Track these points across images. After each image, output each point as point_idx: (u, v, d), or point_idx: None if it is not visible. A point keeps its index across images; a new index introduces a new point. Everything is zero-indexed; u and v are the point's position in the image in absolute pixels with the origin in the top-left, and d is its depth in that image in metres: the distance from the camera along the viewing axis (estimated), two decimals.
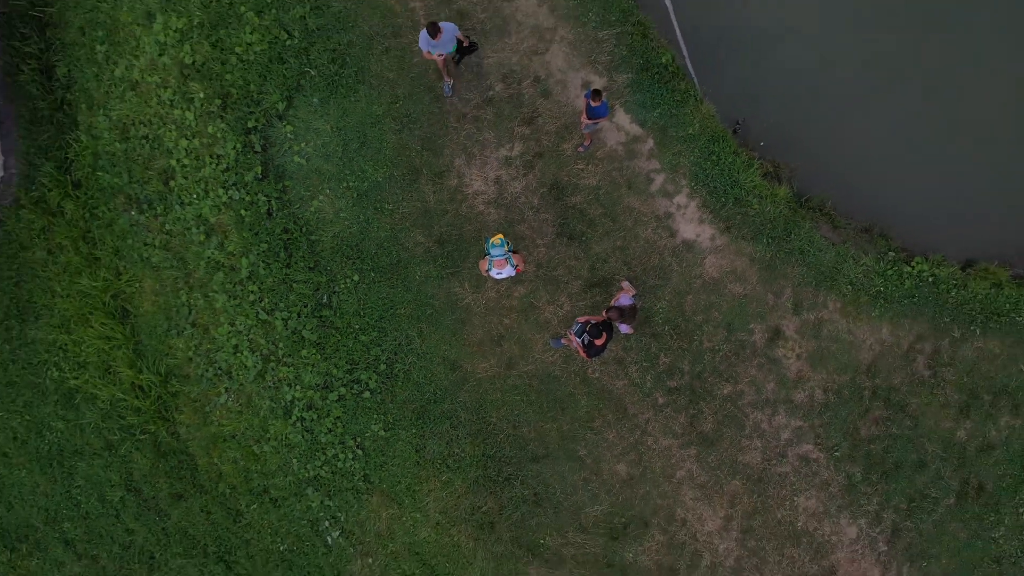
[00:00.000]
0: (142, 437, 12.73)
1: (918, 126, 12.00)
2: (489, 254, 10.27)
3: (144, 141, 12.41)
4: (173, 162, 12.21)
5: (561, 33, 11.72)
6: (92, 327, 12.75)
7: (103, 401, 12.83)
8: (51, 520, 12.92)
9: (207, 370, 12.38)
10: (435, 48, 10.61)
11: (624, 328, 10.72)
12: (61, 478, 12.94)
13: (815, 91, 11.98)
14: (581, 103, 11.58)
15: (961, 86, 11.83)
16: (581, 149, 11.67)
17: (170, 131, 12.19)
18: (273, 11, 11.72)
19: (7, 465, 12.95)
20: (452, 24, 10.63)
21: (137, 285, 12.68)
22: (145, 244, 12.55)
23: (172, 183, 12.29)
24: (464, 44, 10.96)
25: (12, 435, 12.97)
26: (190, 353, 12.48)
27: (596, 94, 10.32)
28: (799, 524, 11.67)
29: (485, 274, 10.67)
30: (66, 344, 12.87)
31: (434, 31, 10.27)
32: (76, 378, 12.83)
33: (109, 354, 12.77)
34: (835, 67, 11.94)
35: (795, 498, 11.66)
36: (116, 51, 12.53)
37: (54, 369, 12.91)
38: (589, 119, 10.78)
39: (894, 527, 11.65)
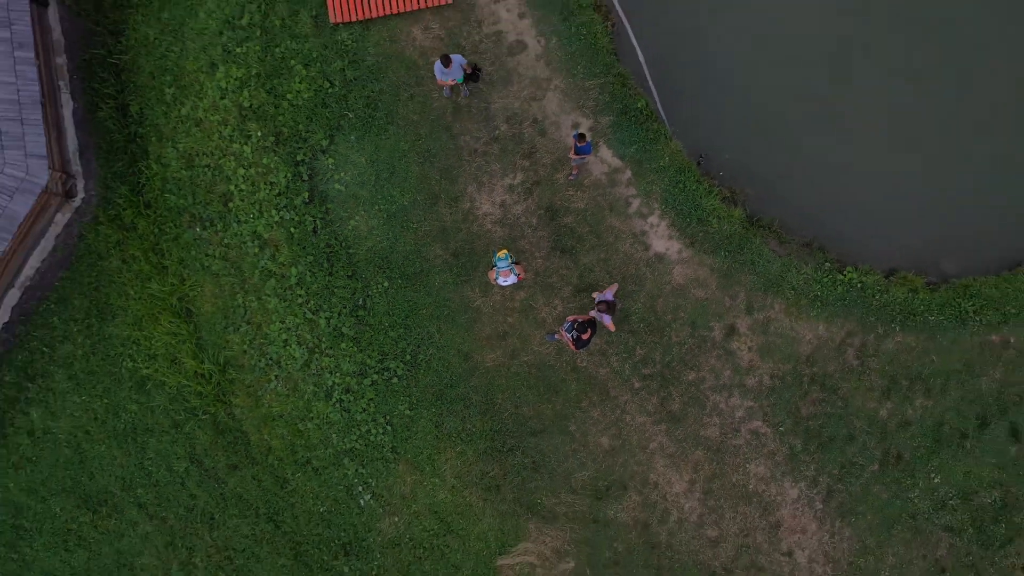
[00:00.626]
0: (203, 417, 15.19)
1: (849, 159, 14.53)
2: (496, 265, 12.78)
3: (206, 169, 14.89)
4: (232, 187, 14.69)
5: (555, 83, 14.22)
6: (161, 325, 15.20)
7: (170, 387, 15.28)
8: (126, 487, 15.36)
9: (259, 360, 14.86)
10: (447, 76, 13.13)
11: (607, 320, 13.21)
12: (135, 452, 15.37)
13: (765, 131, 14.48)
14: (571, 141, 14.08)
15: (884, 131, 14.38)
16: (571, 178, 14.16)
17: (229, 161, 14.66)
18: (318, 64, 14.20)
19: (89, 441, 15.39)
20: (460, 56, 13.16)
21: (199, 289, 15.15)
22: (206, 255, 15.02)
23: (231, 204, 14.76)
24: (468, 72, 13.45)
25: (93, 416, 15.40)
26: (244, 346, 14.95)
27: (581, 136, 12.84)
28: (750, 486, 14.19)
29: (493, 282, 13.17)
30: (138, 339, 15.31)
31: (446, 62, 12.83)
32: (147, 368, 15.27)
33: (175, 347, 15.23)
34: (781, 113, 14.46)
35: (747, 465, 14.18)
36: (182, 93, 15.00)
37: (128, 360, 15.35)
38: (576, 155, 13.29)
39: (828, 489, 14.18)
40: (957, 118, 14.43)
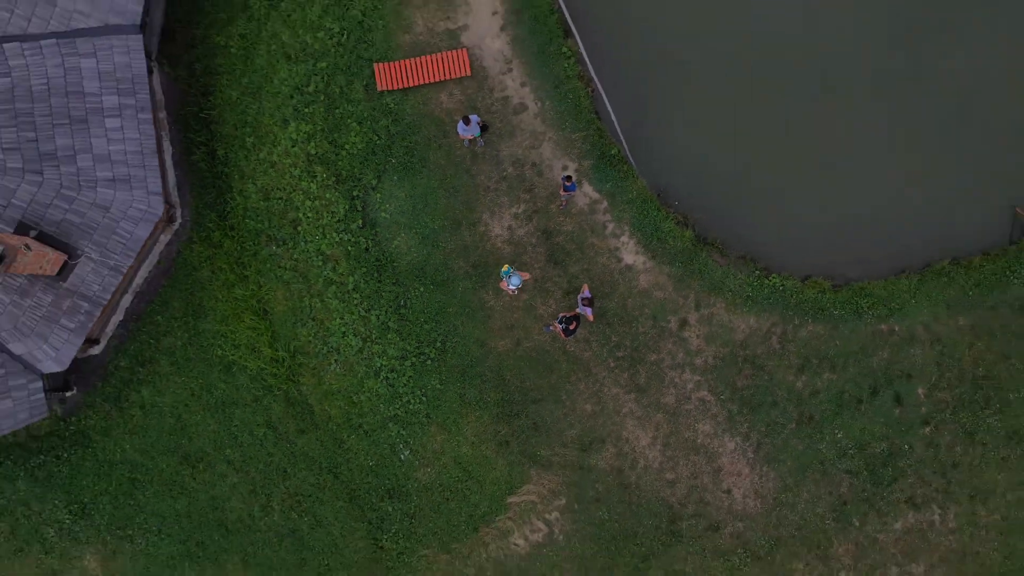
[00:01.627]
0: (277, 393, 19.59)
1: (776, 191, 19.01)
2: (504, 276, 17.25)
3: (279, 201, 19.28)
4: (300, 215, 19.10)
5: (549, 135, 18.69)
6: (243, 321, 19.60)
7: (251, 370, 19.68)
8: (217, 448, 19.77)
9: (322, 348, 19.28)
10: (467, 132, 17.59)
11: (588, 312, 17.62)
12: (223, 420, 19.78)
13: (710, 170, 18.94)
14: (561, 181, 18.53)
15: (801, 171, 18.89)
16: (561, 207, 18.62)
17: (298, 195, 19.06)
18: (368, 122, 18.61)
19: (188, 412, 19.77)
20: (476, 115, 17.64)
21: (273, 294, 19.55)
22: (279, 267, 19.41)
23: (299, 228, 19.17)
24: (482, 124, 17.90)
25: (191, 392, 19.77)
26: (310, 338, 19.37)
27: (568, 179, 17.32)
28: (699, 441, 18.71)
29: (504, 288, 17.63)
30: (225, 333, 19.70)
31: (467, 121, 17.31)
32: (232, 355, 19.66)
33: (255, 339, 19.64)
34: (723, 158, 18.94)
35: (696, 425, 18.70)
36: (260, 141, 19.39)
37: (218, 349, 19.74)
38: (565, 192, 17.77)
39: (757, 442, 18.72)
40: (855, 162, 18.95)
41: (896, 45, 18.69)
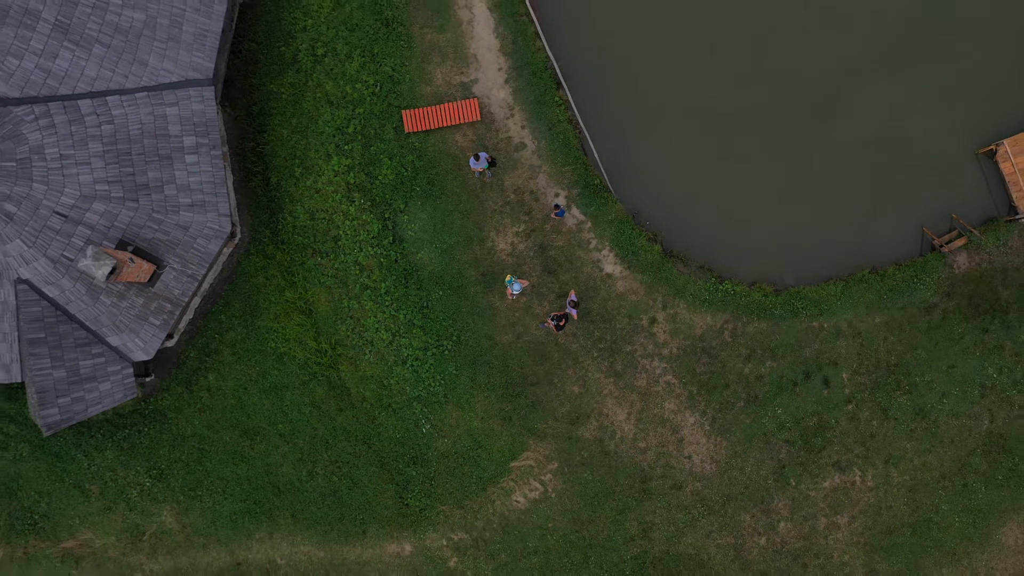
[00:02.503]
0: (320, 378, 23.88)
1: (729, 212, 23.40)
2: (507, 283, 21.62)
3: (323, 220, 23.58)
4: (340, 232, 23.41)
5: (544, 168, 23.07)
6: (292, 319, 23.90)
7: (299, 359, 23.97)
8: (271, 423, 24.07)
9: (358, 341, 23.59)
10: (477, 165, 21.95)
11: (574, 313, 22.01)
12: (276, 401, 24.07)
13: (676, 196, 23.33)
14: (552, 208, 22.89)
15: (751, 195, 23.27)
16: (555, 215, 22.98)
17: (339, 216, 23.38)
18: (397, 157, 22.95)
19: (246, 394, 24.05)
20: (485, 153, 22.02)
21: (317, 297, 23.85)
22: (322, 275, 23.72)
23: (339, 243, 23.48)
24: (490, 161, 22.30)
25: (249, 378, 24.05)
26: (348, 332, 23.68)
27: (556, 207, 21.70)
28: (665, 415, 23.09)
29: (507, 293, 21.99)
30: (277, 328, 23.98)
31: (477, 157, 21.68)
32: (283, 347, 23.94)
33: (302, 334, 23.93)
34: (686, 184, 23.33)
35: (663, 403, 23.08)
36: (307, 171, 23.70)
37: (271, 342, 24.02)
38: (555, 216, 22.16)
39: (713, 417, 23.11)
40: (794, 189, 23.34)
41: (826, 98, 23.09)
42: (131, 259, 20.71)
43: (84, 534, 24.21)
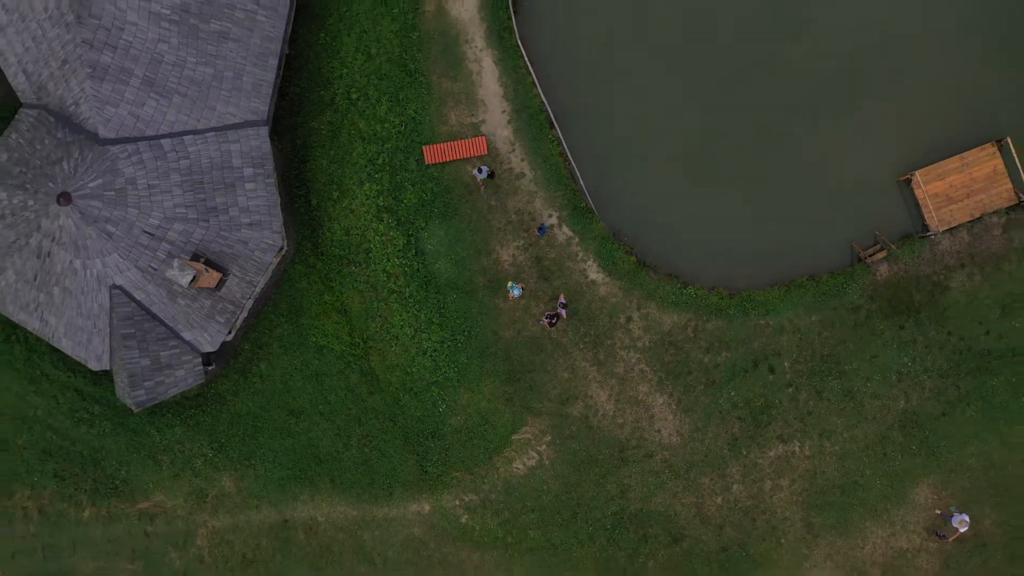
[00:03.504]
0: (354, 367, 28.79)
1: (693, 228, 28.39)
2: (509, 288, 26.64)
3: (357, 236, 28.49)
4: (371, 246, 28.32)
5: (539, 193, 28.00)
6: (330, 318, 28.82)
7: (335, 351, 28.89)
8: (313, 404, 28.97)
9: (385, 336, 28.50)
10: (480, 175, 26.99)
11: (564, 312, 27.04)
12: (317, 385, 28.96)
13: (649, 217, 28.31)
14: (536, 226, 27.89)
15: (709, 213, 28.26)
16: (538, 233, 27.97)
17: (370, 232, 28.29)
18: (419, 184, 27.85)
19: (292, 380, 28.93)
20: (487, 167, 27.03)
21: (351, 299, 28.77)
22: (356, 280, 28.62)
23: (370, 255, 28.39)
24: (490, 172, 27.29)
25: (294, 367, 28.92)
26: (377, 329, 28.59)
27: (541, 228, 26.72)
28: (639, 397, 28.09)
29: (510, 299, 27.01)
30: (317, 325, 28.89)
31: (480, 169, 26.70)
32: (323, 341, 28.84)
33: (338, 330, 28.84)
34: (657, 206, 28.34)
35: (637, 387, 28.07)
36: (343, 195, 28.60)
37: (312, 336, 28.89)
38: (538, 233, 27.19)
39: (679, 399, 28.11)
40: (747, 211, 28.30)
41: (774, 134, 28.09)
42: (205, 269, 25.64)
43: (157, 496, 29.16)
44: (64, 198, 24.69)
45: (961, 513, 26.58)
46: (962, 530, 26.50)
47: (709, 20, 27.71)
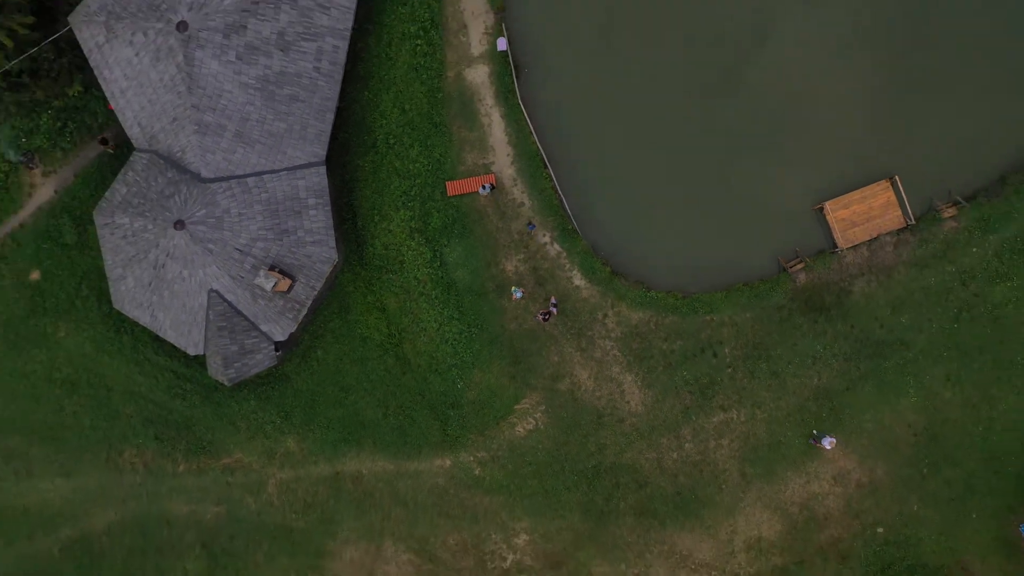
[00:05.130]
0: (390, 353, 36.56)
1: (657, 245, 36.45)
2: (512, 291, 34.71)
3: (394, 250, 36.36)
4: (405, 259, 36.19)
5: (536, 219, 36.05)
6: (371, 315, 36.66)
7: (376, 340, 36.78)
8: (359, 382, 36.78)
9: (416, 329, 36.35)
10: (484, 191, 35.01)
11: (555, 311, 35.12)
12: (361, 367, 36.78)
13: (621, 236, 36.33)
14: (533, 224, 35.91)
15: (671, 228, 36.34)
16: (528, 229, 36.00)
17: (404, 248, 36.18)
18: (443, 211, 35.59)
19: (342, 363, 36.73)
20: (490, 184, 35.04)
21: (388, 300, 36.68)
22: (392, 286, 36.50)
23: (404, 265, 36.30)
24: (493, 184, 35.31)
25: (343, 353, 36.72)
26: (409, 323, 36.46)
27: (529, 225, 34.78)
28: (613, 375, 36.01)
29: (512, 297, 35.07)
30: (361, 320, 36.65)
31: (483, 187, 34.76)
32: (366, 332, 36.71)
33: (378, 324, 36.73)
34: (625, 230, 36.40)
35: (611, 368, 36.03)
36: (383, 219, 36.47)
37: (358, 329, 36.77)
38: (528, 229, 35.25)
39: (643, 377, 36.10)
40: (698, 233, 36.33)
41: (719, 171, 36.12)
42: (282, 277, 33.62)
43: (236, 454, 37.09)
44: (179, 224, 32.58)
45: (829, 436, 34.59)
46: (829, 447, 34.52)
47: (666, 87, 35.75)
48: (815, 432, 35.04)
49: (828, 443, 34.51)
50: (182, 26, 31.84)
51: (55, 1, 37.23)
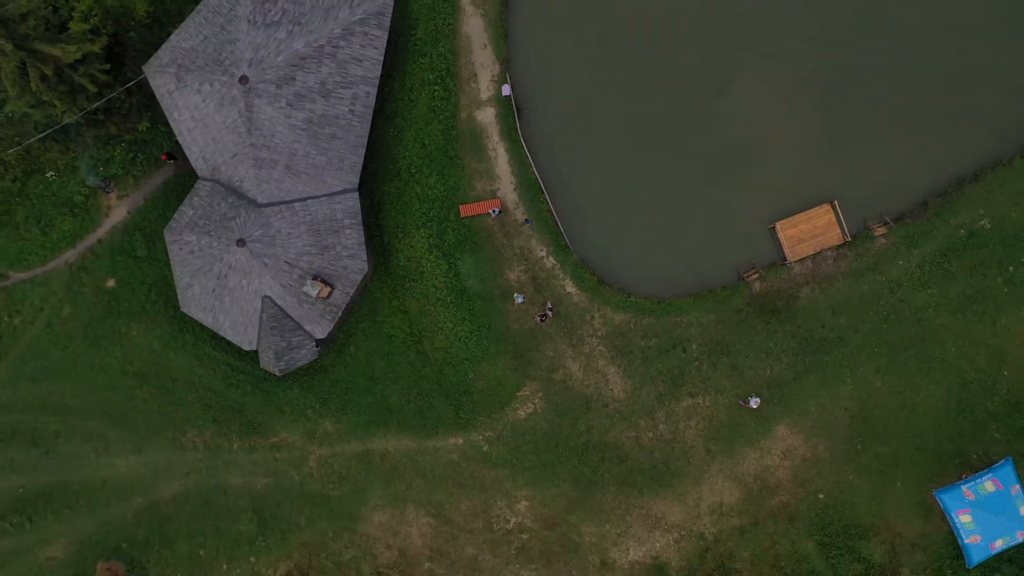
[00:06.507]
0: (412, 349, 42.74)
1: (631, 262, 43.16)
2: (515, 297, 41.41)
3: (415, 262, 42.65)
4: (424, 269, 42.42)
5: (534, 236, 42.35)
6: (396, 316, 42.99)
7: (400, 338, 43.10)
8: (384, 373, 42.89)
9: (433, 328, 42.66)
10: (492, 215, 41.75)
11: (550, 314, 41.83)
12: (388, 361, 42.87)
13: (606, 252, 43.02)
14: (526, 227, 42.60)
15: (648, 251, 43.07)
16: (525, 223, 42.73)
17: (424, 260, 42.47)
18: (457, 230, 42.32)
19: (371, 358, 43.04)
20: (497, 208, 41.74)
21: (411, 303, 43.05)
22: (414, 292, 42.79)
23: (424, 274, 42.56)
24: (499, 209, 41.99)
25: (372, 349, 42.85)
26: (428, 323, 42.74)
27: (527, 220, 41.53)
28: (599, 367, 42.47)
29: (514, 302, 41.77)
30: (388, 321, 43.21)
31: (492, 212, 41.48)
32: (391, 331, 43.24)
33: (401, 324, 43.23)
34: (610, 248, 43.12)
35: (598, 361, 42.56)
36: (405, 235, 43.03)
37: (385, 328, 43.27)
38: (526, 224, 41.99)
39: (624, 369, 42.69)
40: (673, 251, 43.05)
41: (687, 198, 42.83)
42: (324, 285, 40.26)
43: (281, 434, 43.68)
44: (241, 242, 39.17)
45: (754, 397, 40.86)
46: (754, 406, 40.74)
47: (644, 127, 42.42)
48: (745, 396, 41.57)
49: (754, 403, 41.14)
50: (243, 79, 38.35)
51: (123, 48, 43.74)
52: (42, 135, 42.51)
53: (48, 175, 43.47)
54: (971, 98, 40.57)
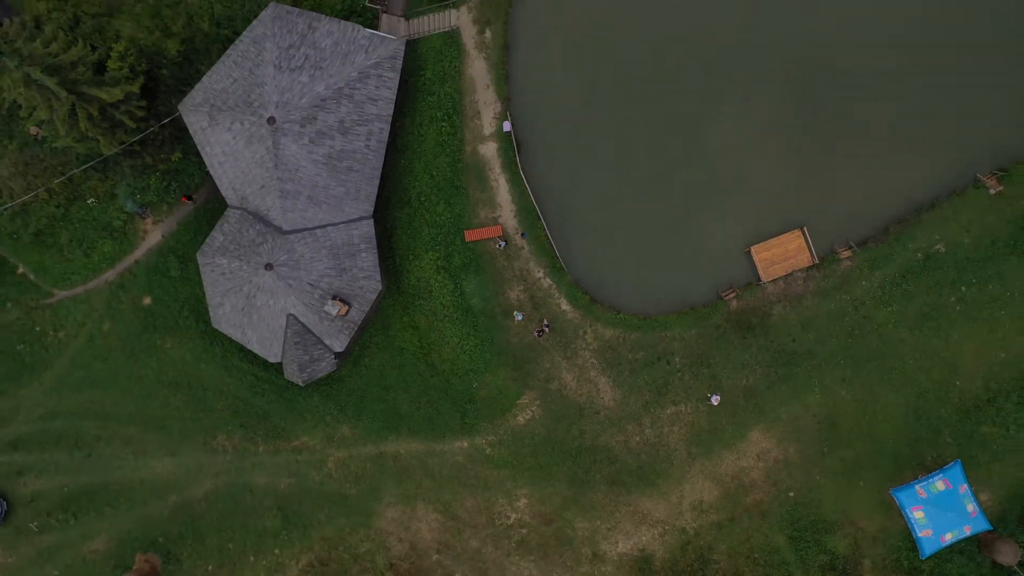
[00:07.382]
0: (421, 361, 46.44)
1: (621, 283, 47.32)
2: (515, 314, 45.57)
3: (424, 281, 46.70)
4: (433, 288, 46.61)
5: (532, 259, 46.43)
6: (407, 331, 46.87)
7: (410, 351, 47.00)
8: (397, 380, 46.76)
9: (441, 342, 46.90)
10: (500, 247, 45.95)
11: (547, 329, 46.05)
12: (399, 372, 46.83)
13: (597, 273, 47.13)
14: (525, 233, 46.77)
15: (636, 273, 47.26)
16: (521, 236, 46.90)
17: (432, 280, 46.41)
18: (462, 253, 46.08)
19: (384, 369, 47.12)
20: (504, 241, 45.93)
21: (420, 320, 47.03)
22: (423, 309, 46.64)
23: (432, 293, 46.47)
24: (504, 243, 46.13)
25: (385, 361, 46.54)
26: (436, 337, 46.66)
27: (522, 234, 45.74)
28: (590, 378, 46.60)
29: (514, 319, 45.93)
30: (399, 336, 47.17)
31: (498, 242, 45.68)
32: (402, 344, 47.28)
33: (412, 339, 47.18)
34: (601, 270, 47.33)
35: (590, 372, 46.57)
36: (415, 258, 47.03)
37: (396, 342, 47.21)
38: (522, 237, 46.19)
39: (614, 378, 46.45)
40: (659, 270, 47.21)
41: (674, 224, 47.04)
42: (343, 304, 44.43)
43: (303, 438, 47.76)
44: (268, 266, 43.30)
45: (716, 395, 44.61)
46: (716, 403, 44.34)
47: (632, 160, 46.54)
48: (708, 394, 45.47)
49: (715, 400, 45.29)
50: (271, 120, 42.45)
51: (156, 84, 47.74)
52: (85, 166, 46.48)
53: (89, 201, 47.46)
54: (928, 134, 44.64)
